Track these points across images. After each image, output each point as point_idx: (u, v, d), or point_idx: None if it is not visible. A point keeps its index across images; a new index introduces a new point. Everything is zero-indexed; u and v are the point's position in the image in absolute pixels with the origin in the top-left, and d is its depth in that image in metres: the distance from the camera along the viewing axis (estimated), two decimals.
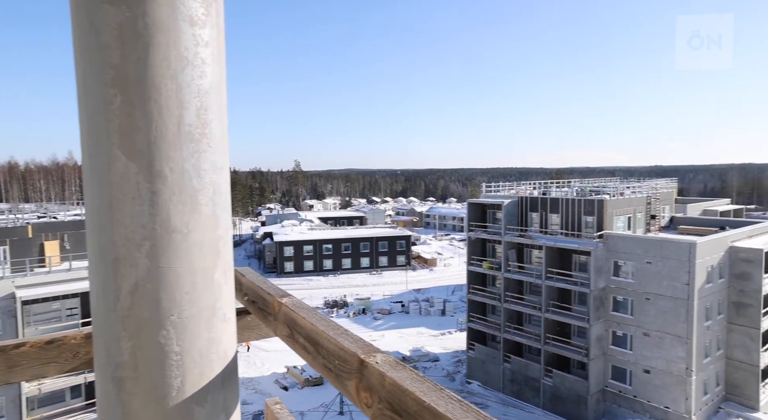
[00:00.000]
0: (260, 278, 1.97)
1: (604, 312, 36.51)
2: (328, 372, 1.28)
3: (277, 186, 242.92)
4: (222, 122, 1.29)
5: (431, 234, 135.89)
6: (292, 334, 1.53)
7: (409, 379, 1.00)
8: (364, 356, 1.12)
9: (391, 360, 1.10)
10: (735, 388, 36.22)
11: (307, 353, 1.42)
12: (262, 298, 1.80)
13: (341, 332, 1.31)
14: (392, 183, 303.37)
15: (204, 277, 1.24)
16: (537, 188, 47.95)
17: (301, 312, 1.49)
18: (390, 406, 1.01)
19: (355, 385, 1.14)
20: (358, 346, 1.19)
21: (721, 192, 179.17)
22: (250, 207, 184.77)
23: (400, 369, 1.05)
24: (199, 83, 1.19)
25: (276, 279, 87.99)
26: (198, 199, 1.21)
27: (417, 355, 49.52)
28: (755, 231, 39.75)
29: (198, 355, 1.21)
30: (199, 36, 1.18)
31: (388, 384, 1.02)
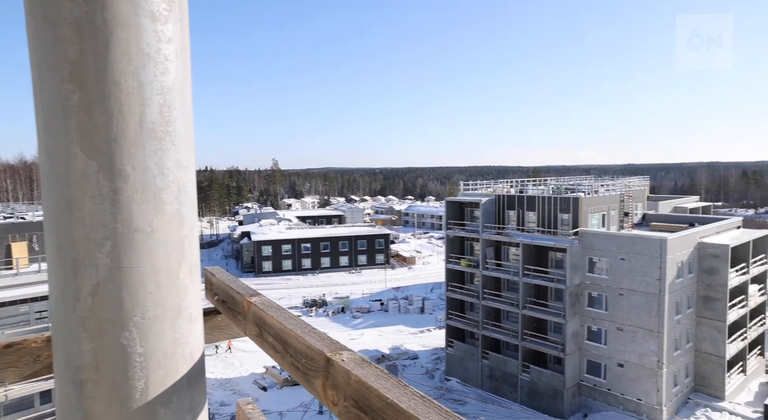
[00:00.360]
0: (230, 277, 1.95)
1: (580, 308, 37.21)
2: (296, 370, 1.28)
3: (254, 185, 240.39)
4: (187, 120, 1.28)
5: (410, 232, 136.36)
6: (261, 333, 1.52)
7: (373, 377, 1.00)
8: (331, 354, 1.13)
9: (357, 358, 1.10)
10: (703, 379, 37.35)
11: (275, 352, 1.42)
12: (232, 298, 1.79)
13: (309, 331, 1.31)
14: (371, 181, 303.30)
15: (169, 277, 1.22)
16: (514, 186, 48.54)
17: (270, 311, 1.48)
18: (355, 404, 1.01)
19: (322, 383, 1.14)
20: (325, 344, 1.19)
21: (690, 190, 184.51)
22: (227, 206, 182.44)
23: (366, 366, 1.05)
24: (162, 80, 1.17)
25: (254, 278, 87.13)
26: (162, 197, 1.19)
27: (396, 353, 49.68)
28: (722, 227, 41.02)
29: (163, 355, 1.20)
30: (162, 32, 1.16)
31: (353, 381, 1.02)
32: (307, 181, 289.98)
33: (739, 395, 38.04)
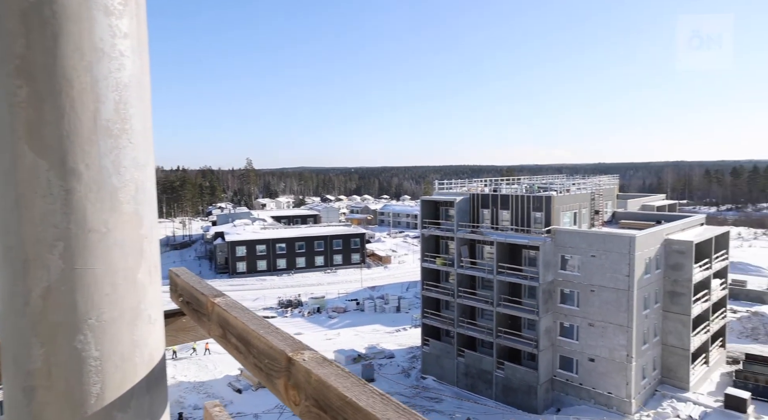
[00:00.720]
0: (195, 278, 1.92)
1: (553, 304, 37.89)
2: (258, 371, 1.27)
3: (228, 185, 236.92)
4: (144, 117, 1.24)
5: (385, 231, 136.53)
6: (225, 334, 1.50)
7: (333, 376, 1.00)
8: (292, 354, 1.12)
9: (318, 357, 1.10)
10: (669, 371, 38.53)
11: (239, 353, 1.40)
12: (196, 299, 1.76)
13: (272, 331, 1.29)
14: (346, 181, 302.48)
15: (126, 278, 1.19)
16: (488, 185, 49.11)
17: (234, 312, 1.46)
18: (316, 403, 1.01)
19: (284, 384, 1.13)
20: (287, 344, 1.18)
21: (657, 188, 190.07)
22: (200, 206, 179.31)
23: (327, 365, 1.05)
24: (117, 76, 1.14)
25: (228, 279, 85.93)
26: (118, 197, 1.16)
27: (372, 353, 49.67)
28: (687, 224, 42.37)
29: (120, 359, 1.17)
30: (116, 27, 1.13)
31: (313, 381, 1.01)
32: (281, 181, 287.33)
33: (702, 385, 39.39)
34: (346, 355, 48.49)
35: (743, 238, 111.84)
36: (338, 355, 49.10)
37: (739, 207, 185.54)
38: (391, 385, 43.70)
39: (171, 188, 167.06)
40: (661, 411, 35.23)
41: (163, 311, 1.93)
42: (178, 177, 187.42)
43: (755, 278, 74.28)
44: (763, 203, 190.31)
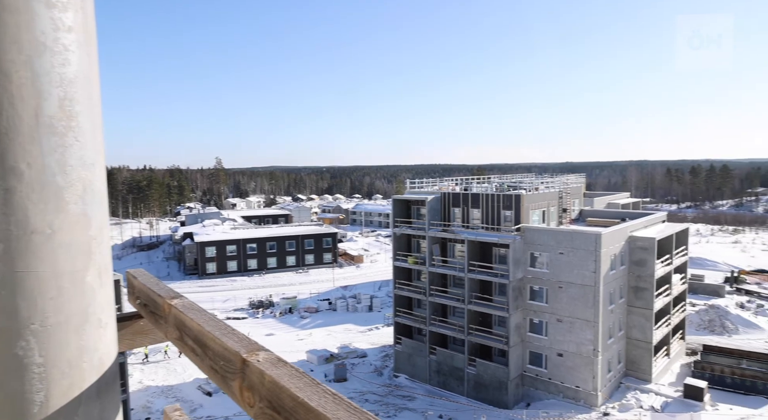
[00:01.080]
0: (153, 280, 1.87)
1: (522, 301, 38.57)
2: (214, 373, 1.25)
3: (197, 184, 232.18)
4: (93, 115, 1.21)
5: (358, 231, 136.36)
6: (182, 336, 1.46)
7: (287, 376, 0.99)
8: (247, 355, 1.10)
9: (273, 357, 1.08)
10: (633, 364, 39.78)
11: (195, 355, 1.37)
12: (153, 301, 1.71)
13: (228, 332, 1.27)
14: (318, 180, 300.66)
15: (73, 281, 1.15)
16: (459, 184, 49.62)
17: (190, 313, 1.43)
18: (270, 404, 1.00)
19: (239, 385, 1.12)
20: (242, 346, 1.16)
21: (622, 186, 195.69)
22: (168, 206, 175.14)
23: (281, 366, 1.04)
24: (61, 72, 1.10)
25: (197, 281, 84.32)
26: (63, 197, 1.12)
27: (345, 352, 49.56)
28: (650, 221, 43.80)
29: (67, 365, 1.13)
30: (60, 20, 1.09)
31: (267, 382, 1.00)
32: (252, 180, 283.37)
33: (663, 377, 40.84)
34: (319, 355, 48.25)
35: (701, 234, 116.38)
36: (310, 356, 48.81)
37: (697, 204, 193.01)
38: (363, 384, 43.71)
39: (137, 188, 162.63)
40: (626, 402, 36.34)
41: (121, 314, 1.88)
42: (144, 176, 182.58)
43: (712, 273, 77.43)
44: (719, 201, 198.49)
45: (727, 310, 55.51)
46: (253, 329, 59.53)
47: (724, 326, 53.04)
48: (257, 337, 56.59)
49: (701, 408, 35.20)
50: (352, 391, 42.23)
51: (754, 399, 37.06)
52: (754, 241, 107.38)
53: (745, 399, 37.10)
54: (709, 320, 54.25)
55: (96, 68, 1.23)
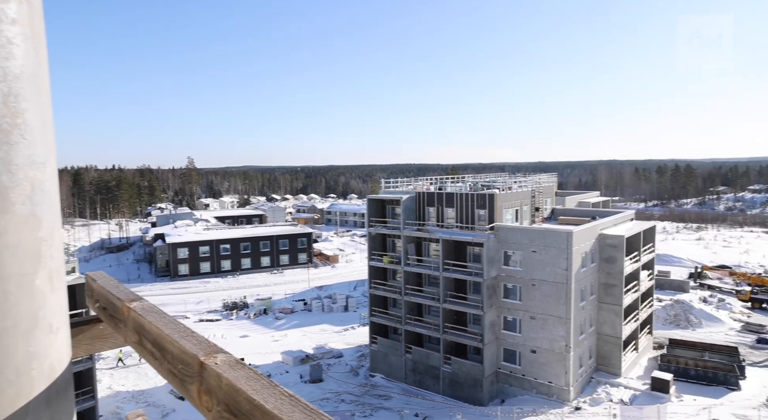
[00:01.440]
0: (112, 282, 1.82)
1: (496, 299, 39.06)
2: (173, 378, 1.22)
3: (168, 184, 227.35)
4: (42, 112, 1.16)
5: (333, 231, 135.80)
6: (141, 340, 1.42)
7: (244, 379, 0.97)
8: (205, 358, 1.08)
9: (232, 360, 1.06)
10: (603, 358, 40.76)
11: (154, 359, 1.33)
12: (112, 304, 1.67)
13: (187, 335, 1.24)
14: (292, 180, 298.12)
15: (21, 285, 1.10)
16: (434, 184, 49.89)
17: (149, 316, 1.40)
18: (227, 408, 0.98)
19: (197, 389, 1.09)
20: (201, 348, 1.13)
21: (592, 185, 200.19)
22: (138, 207, 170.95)
23: (239, 368, 1.02)
24: (5, 66, 1.05)
25: (169, 283, 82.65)
26: (9, 197, 1.08)
27: (321, 353, 49.31)
28: (619, 220, 44.91)
29: (14, 373, 1.08)
30: (2, 11, 1.04)
31: (224, 385, 0.98)
32: (225, 180, 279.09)
33: (632, 370, 41.99)
34: (294, 356, 47.88)
35: (667, 231, 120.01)
36: (286, 357, 48.39)
37: (663, 203, 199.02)
38: (339, 384, 43.57)
39: (106, 188, 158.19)
40: (596, 396, 37.21)
41: (78, 318, 1.82)
42: (113, 176, 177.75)
43: (677, 269, 79.98)
44: (684, 199, 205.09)
45: (691, 305, 57.41)
46: (227, 331, 58.67)
47: (689, 320, 54.84)
48: (231, 339, 55.83)
49: (667, 400, 36.33)
50: (328, 391, 42.06)
51: (715, 389, 38.49)
52: (716, 237, 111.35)
53: (707, 389, 38.49)
54: (675, 315, 56.01)
55: (45, 63, 1.19)
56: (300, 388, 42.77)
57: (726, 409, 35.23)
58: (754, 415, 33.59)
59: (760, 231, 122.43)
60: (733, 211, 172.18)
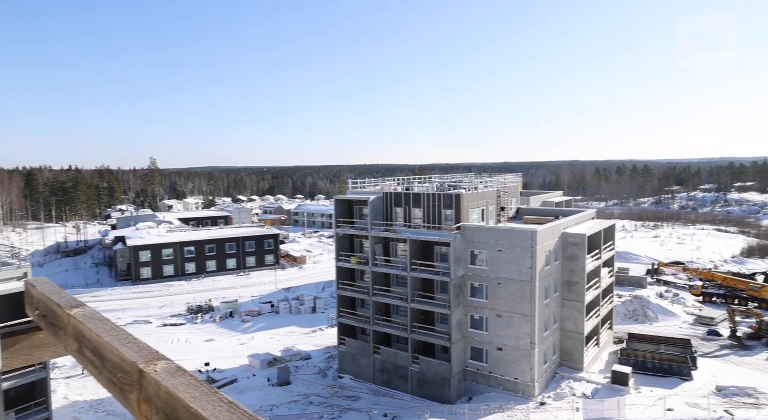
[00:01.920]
0: (53, 288, 1.74)
1: (463, 298, 39.51)
2: (113, 386, 1.17)
3: (129, 185, 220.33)
4: None
5: (300, 231, 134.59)
6: (81, 348, 1.36)
7: (183, 386, 0.94)
8: (144, 365, 1.04)
9: (172, 367, 1.03)
10: (567, 354, 41.84)
11: (94, 368, 1.28)
12: (52, 311, 1.59)
13: (128, 341, 1.20)
14: (259, 181, 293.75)
15: None
16: (401, 184, 50.09)
17: (90, 323, 1.34)
18: (165, 417, 0.94)
19: (137, 398, 1.05)
20: (141, 355, 1.09)
21: (556, 185, 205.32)
22: (97, 209, 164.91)
23: (179, 376, 0.99)
24: None
25: (130, 287, 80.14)
26: None
27: (288, 355, 48.80)
28: (581, 218, 46.20)
29: None
30: None
31: (163, 393, 0.95)
32: (189, 181, 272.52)
33: (594, 365, 43.28)
34: (261, 359, 47.19)
35: (626, 229, 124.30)
36: (252, 360, 47.64)
37: (622, 202, 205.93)
38: (307, 386, 43.21)
39: (62, 189, 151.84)
40: (560, 391, 38.15)
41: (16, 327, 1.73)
42: (70, 177, 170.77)
43: (636, 265, 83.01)
44: (641, 198, 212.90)
45: (648, 300, 59.66)
46: (192, 335, 57.31)
47: (646, 315, 56.97)
48: (196, 343, 54.57)
49: (626, 392, 37.62)
50: (296, 394, 41.66)
51: (670, 380, 40.14)
52: (671, 235, 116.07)
53: (663, 380, 40.09)
54: (633, 310, 58.07)
55: None
56: (267, 392, 42.19)
57: (679, 398, 36.76)
58: (704, 403, 35.16)
59: (710, 228, 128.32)
60: (686, 209, 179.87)
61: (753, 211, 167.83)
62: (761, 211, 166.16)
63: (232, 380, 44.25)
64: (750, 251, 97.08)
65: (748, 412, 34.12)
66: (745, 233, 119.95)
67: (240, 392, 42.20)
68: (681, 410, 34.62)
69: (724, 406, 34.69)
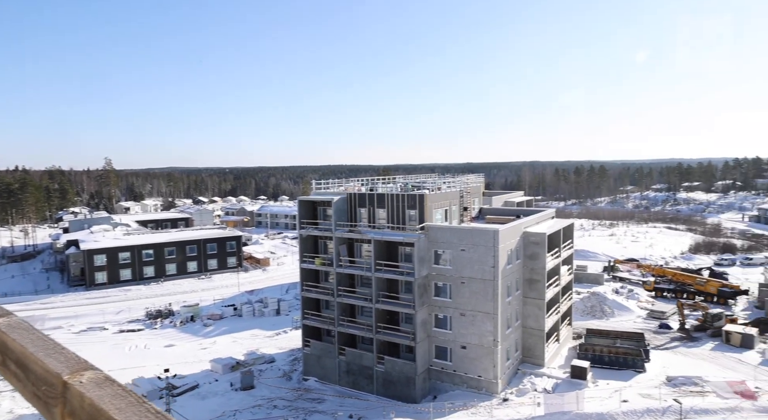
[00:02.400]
0: None
1: (428, 298, 39.83)
2: (37, 400, 1.10)
3: (83, 187, 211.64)
4: None
5: (263, 233, 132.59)
6: (4, 360, 1.28)
7: (109, 397, 0.89)
8: (68, 377, 0.98)
9: (100, 377, 0.97)
10: (528, 350, 42.83)
11: (18, 382, 1.20)
12: None
13: (55, 352, 1.13)
14: (220, 182, 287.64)
15: None
16: (365, 185, 50.05)
17: (14, 333, 1.25)
18: None
19: (61, 413, 0.99)
20: (67, 366, 1.03)
21: (517, 185, 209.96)
22: (48, 212, 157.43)
23: (106, 386, 0.93)
24: None
25: (84, 293, 76.93)
26: None
27: (252, 359, 47.95)
28: (541, 218, 47.38)
29: None
30: None
31: (87, 405, 0.90)
32: (148, 182, 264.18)
33: (554, 360, 44.48)
34: (224, 363, 46.20)
35: (584, 228, 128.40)
36: (215, 365, 46.56)
37: (581, 201, 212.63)
38: (272, 390, 42.58)
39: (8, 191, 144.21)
40: (522, 387, 39.01)
41: None
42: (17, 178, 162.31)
43: (593, 263, 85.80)
44: (598, 198, 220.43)
45: (605, 296, 61.81)
46: (151, 341, 55.53)
47: (603, 311, 59.00)
48: (155, 349, 52.89)
49: (585, 385, 38.84)
50: (260, 398, 40.98)
51: (625, 373, 41.74)
52: (626, 233, 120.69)
53: (618, 373, 41.63)
54: (591, 306, 60.02)
55: None
56: (230, 397, 41.32)
57: (634, 390, 38.26)
58: (655, 394, 36.74)
59: (661, 226, 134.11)
60: (639, 208, 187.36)
61: (699, 209, 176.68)
62: (707, 210, 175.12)
63: (193, 386, 43.11)
64: (697, 248, 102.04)
65: (695, 400, 35.86)
66: (692, 231, 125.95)
67: (202, 398, 41.17)
68: (635, 401, 36.02)
69: (673, 395, 36.31)
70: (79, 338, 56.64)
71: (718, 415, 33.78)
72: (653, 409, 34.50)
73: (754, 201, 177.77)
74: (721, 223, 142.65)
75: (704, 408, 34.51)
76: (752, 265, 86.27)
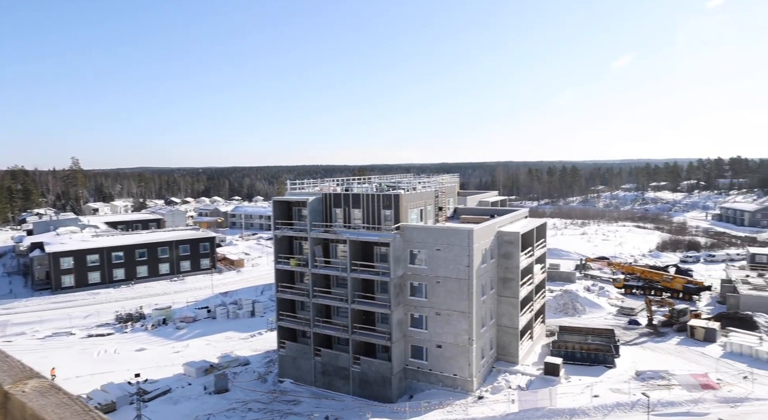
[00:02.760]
0: None
1: (404, 297, 39.93)
2: None
3: (49, 188, 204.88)
4: None
5: (237, 234, 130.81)
6: None
7: (53, 406, 0.85)
8: (10, 387, 0.93)
9: (45, 386, 0.93)
10: (503, 348, 43.39)
11: None
12: None
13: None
14: (193, 182, 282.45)
15: None
16: (340, 185, 49.89)
17: None
18: None
19: None
20: (10, 375, 0.98)
21: (491, 185, 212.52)
22: (10, 213, 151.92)
23: (51, 395, 0.90)
24: None
25: (50, 297, 74.51)
26: None
27: (226, 362, 47.25)
28: (515, 217, 48.05)
29: None
30: None
31: (28, 416, 0.86)
32: (117, 183, 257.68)
33: (528, 358, 45.18)
34: (197, 367, 45.40)
35: (557, 227, 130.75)
36: (188, 368, 45.72)
37: (553, 201, 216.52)
38: (246, 393, 42.05)
39: None
40: (497, 385, 39.49)
41: None
42: None
43: (566, 261, 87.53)
44: (570, 198, 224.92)
45: (577, 294, 63.10)
46: (121, 345, 54.17)
47: (575, 308, 60.21)
48: (126, 353, 51.62)
49: (558, 382, 39.59)
50: (235, 401, 40.41)
51: (597, 368, 42.70)
52: (597, 232, 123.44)
53: (590, 369, 42.56)
54: (564, 304, 61.17)
55: None
56: (204, 400, 40.64)
57: (604, 385, 39.18)
58: (625, 388, 37.71)
59: (631, 225, 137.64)
60: (609, 207, 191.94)
61: (666, 208, 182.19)
62: (673, 209, 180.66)
63: (165, 391, 42.22)
64: (664, 245, 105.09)
65: (662, 393, 36.96)
66: (659, 229, 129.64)
67: (174, 402, 40.36)
68: (606, 396, 36.88)
69: (642, 389, 37.34)
70: (45, 344, 54.83)
71: (683, 407, 34.89)
72: (623, 403, 35.40)
73: (716, 200, 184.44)
74: (687, 221, 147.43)
75: (670, 400, 35.61)
76: (714, 261, 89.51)
